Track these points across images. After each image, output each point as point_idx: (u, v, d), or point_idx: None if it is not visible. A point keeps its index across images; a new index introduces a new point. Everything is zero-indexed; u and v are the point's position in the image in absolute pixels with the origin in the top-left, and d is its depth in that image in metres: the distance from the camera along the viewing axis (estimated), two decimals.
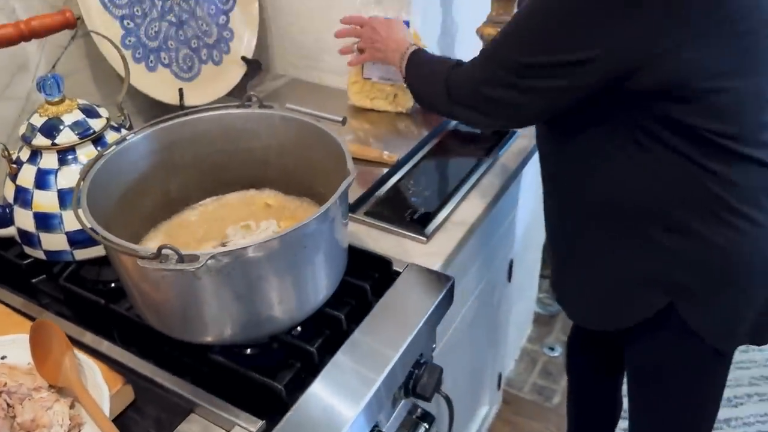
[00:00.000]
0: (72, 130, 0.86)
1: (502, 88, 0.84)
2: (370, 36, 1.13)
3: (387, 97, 1.22)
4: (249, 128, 0.90)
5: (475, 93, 0.88)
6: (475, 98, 0.89)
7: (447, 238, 0.96)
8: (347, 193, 0.77)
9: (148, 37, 1.15)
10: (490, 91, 0.86)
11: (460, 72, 0.91)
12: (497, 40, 0.85)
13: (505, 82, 0.83)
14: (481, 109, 0.89)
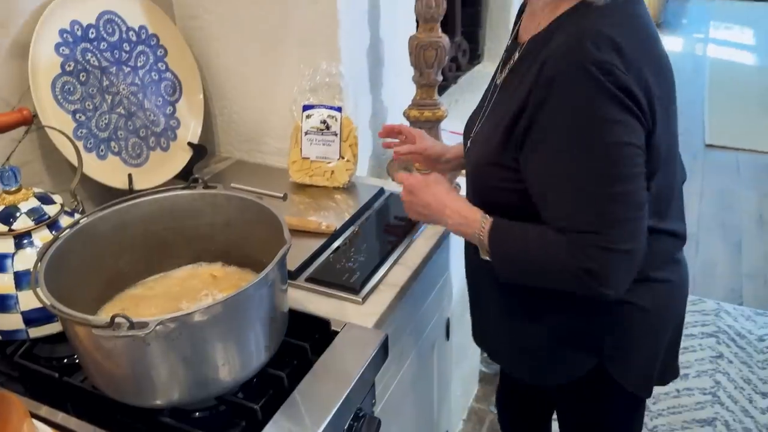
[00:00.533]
0: (28, 216, 0.93)
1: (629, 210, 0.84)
2: (410, 200, 1.04)
3: (324, 174, 1.34)
4: (195, 207, 0.99)
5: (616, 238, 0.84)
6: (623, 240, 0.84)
7: (380, 298, 1.06)
8: (285, 261, 0.86)
9: (99, 128, 1.24)
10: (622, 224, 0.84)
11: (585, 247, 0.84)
12: (580, 197, 0.83)
13: (627, 209, 0.84)
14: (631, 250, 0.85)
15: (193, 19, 1.42)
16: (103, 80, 1.25)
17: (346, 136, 1.32)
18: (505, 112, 0.89)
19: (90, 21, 1.22)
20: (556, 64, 0.82)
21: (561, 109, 0.82)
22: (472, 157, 0.98)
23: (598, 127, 0.81)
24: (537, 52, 0.87)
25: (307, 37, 1.32)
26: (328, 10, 1.27)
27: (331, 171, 1.33)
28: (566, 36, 0.83)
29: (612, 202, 0.83)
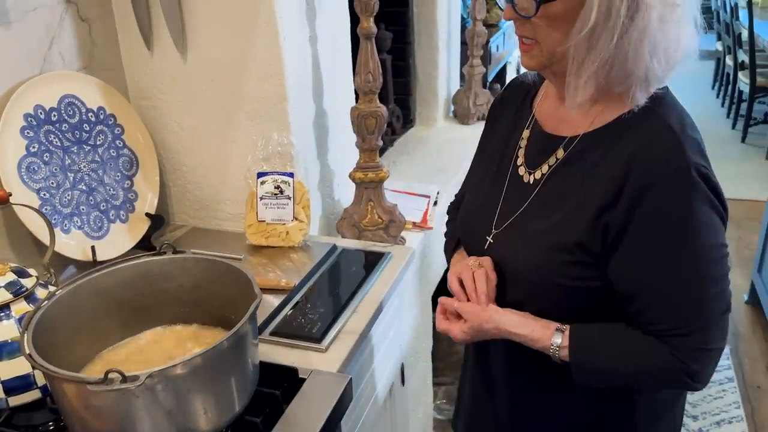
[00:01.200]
0: (6, 289, 0.98)
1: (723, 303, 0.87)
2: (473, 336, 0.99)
3: (279, 235, 1.43)
4: (165, 271, 1.07)
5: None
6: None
7: (342, 346, 1.15)
8: (256, 314, 0.95)
9: (62, 204, 1.30)
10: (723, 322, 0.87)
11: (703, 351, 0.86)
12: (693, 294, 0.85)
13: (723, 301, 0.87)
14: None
15: (146, 99, 1.52)
16: (65, 159, 1.32)
17: (299, 199, 1.43)
18: (573, 214, 0.89)
19: (52, 105, 1.30)
20: (653, 167, 0.82)
21: (662, 213, 0.82)
22: (517, 256, 0.95)
23: (699, 231, 0.82)
24: (602, 151, 0.87)
25: (259, 111, 1.44)
26: (278, 88, 1.39)
27: (286, 232, 1.43)
28: (652, 135, 0.84)
29: (711, 303, 0.85)
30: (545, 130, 0.97)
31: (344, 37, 1.66)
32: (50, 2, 1.30)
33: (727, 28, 5.33)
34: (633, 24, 0.81)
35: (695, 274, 0.84)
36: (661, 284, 0.85)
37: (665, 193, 0.82)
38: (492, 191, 1.02)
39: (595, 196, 0.87)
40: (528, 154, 0.99)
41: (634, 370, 0.89)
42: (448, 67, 2.67)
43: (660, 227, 0.83)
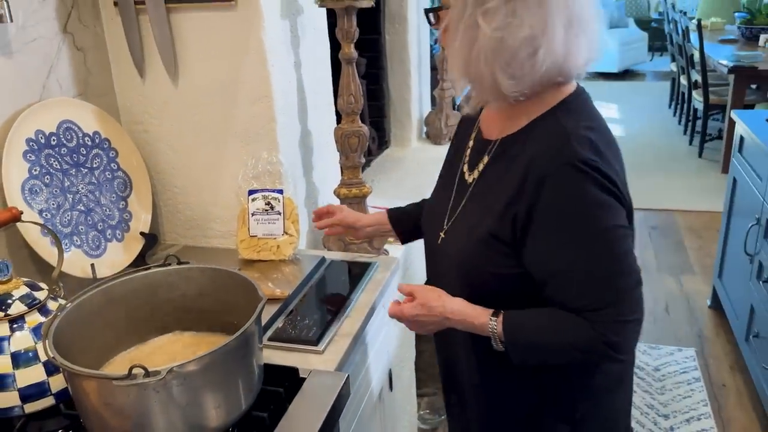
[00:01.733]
0: (21, 302, 1.04)
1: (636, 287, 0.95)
2: (414, 328, 1.09)
3: (271, 249, 1.51)
4: (170, 281, 1.13)
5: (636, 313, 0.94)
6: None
7: (338, 347, 1.22)
8: (261, 316, 1.02)
9: (63, 224, 1.36)
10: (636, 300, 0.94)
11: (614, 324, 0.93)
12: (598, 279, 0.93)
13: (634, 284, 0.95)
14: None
15: (138, 123, 1.59)
16: (64, 181, 1.38)
17: (289, 214, 1.51)
18: (490, 208, 0.99)
19: (51, 129, 1.37)
20: (545, 166, 0.91)
21: (556, 207, 0.91)
22: (455, 247, 1.05)
23: (595, 215, 0.91)
24: (516, 152, 0.98)
25: (248, 132, 1.52)
26: (267, 110, 1.48)
27: (277, 245, 1.50)
28: (548, 137, 0.94)
29: (619, 279, 0.92)
30: (483, 135, 1.09)
31: (325, 62, 1.76)
32: (49, 33, 1.38)
33: (680, 49, 5.61)
34: (476, 37, 0.93)
35: (598, 254, 0.92)
36: (570, 267, 0.93)
37: (558, 185, 0.91)
38: (445, 192, 1.13)
39: (504, 192, 0.97)
40: (471, 157, 1.10)
41: (561, 342, 0.96)
42: (419, 91, 2.79)
43: (558, 216, 0.92)
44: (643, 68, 8.87)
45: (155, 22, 1.46)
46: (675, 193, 4.42)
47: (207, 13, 1.44)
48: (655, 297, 3.18)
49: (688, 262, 3.53)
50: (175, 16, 1.46)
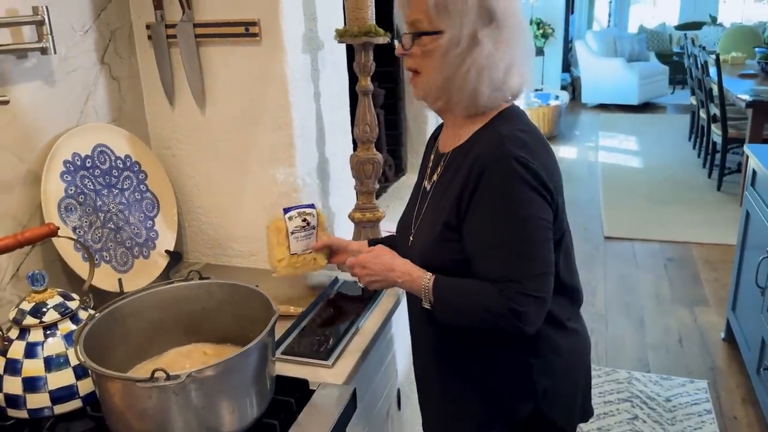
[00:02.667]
0: (55, 310, 1.13)
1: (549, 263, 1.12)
2: (364, 273, 1.27)
3: (309, 263, 1.49)
4: (192, 295, 1.22)
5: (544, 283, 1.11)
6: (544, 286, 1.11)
7: (347, 362, 1.29)
8: (274, 329, 1.10)
9: (94, 241, 1.46)
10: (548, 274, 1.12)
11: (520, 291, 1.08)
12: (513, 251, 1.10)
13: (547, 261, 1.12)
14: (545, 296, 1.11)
15: (167, 148, 1.70)
16: (97, 201, 1.48)
17: (322, 226, 1.54)
18: (444, 204, 1.16)
19: (87, 152, 1.47)
20: (485, 159, 1.10)
21: (490, 191, 1.09)
22: (419, 243, 1.23)
23: (516, 204, 1.09)
24: (463, 158, 1.15)
25: (268, 159, 1.61)
26: (287, 138, 1.58)
27: (313, 258, 1.51)
28: (489, 139, 1.12)
29: (529, 260, 1.10)
30: (440, 150, 1.28)
31: (344, 93, 1.86)
32: (87, 64, 1.49)
33: (699, 83, 5.65)
34: (470, 55, 1.11)
35: (514, 236, 1.10)
36: (492, 242, 1.11)
37: (493, 175, 1.09)
38: (412, 202, 1.33)
39: (454, 189, 1.15)
40: (430, 170, 1.28)
41: (475, 304, 1.12)
42: (436, 120, 2.88)
43: (491, 198, 1.10)
44: (663, 101, 8.91)
45: (185, 54, 1.57)
46: (692, 226, 4.43)
47: (233, 47, 1.55)
48: (669, 328, 3.19)
49: (704, 295, 3.53)
50: (204, 49, 1.57)
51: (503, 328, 1.12)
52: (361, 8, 1.58)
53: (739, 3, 10.00)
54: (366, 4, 1.58)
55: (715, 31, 9.29)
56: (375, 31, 1.59)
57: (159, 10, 1.56)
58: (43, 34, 1.31)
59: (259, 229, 1.68)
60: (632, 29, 10.41)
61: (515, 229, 1.09)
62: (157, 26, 1.57)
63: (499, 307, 1.09)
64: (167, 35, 1.58)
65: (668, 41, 9.95)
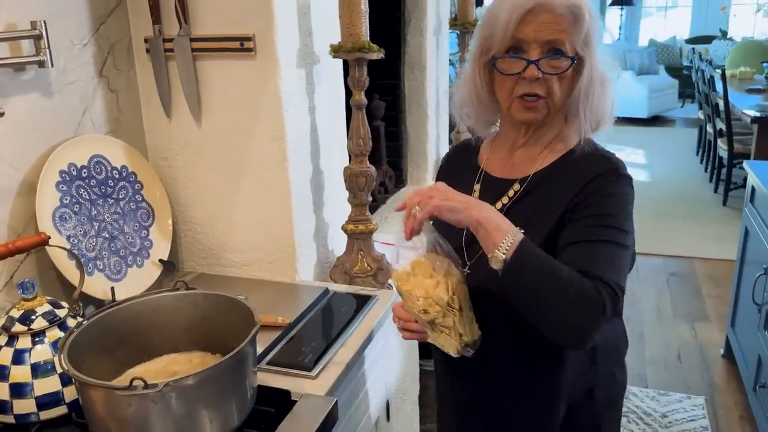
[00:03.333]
0: (43, 318, 1.15)
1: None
2: (439, 196, 1.04)
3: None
4: (178, 305, 1.24)
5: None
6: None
7: (330, 374, 1.30)
8: (256, 339, 1.12)
9: (88, 249, 1.49)
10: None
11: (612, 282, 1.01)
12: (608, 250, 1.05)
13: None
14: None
15: (163, 159, 1.73)
16: (92, 210, 1.51)
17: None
18: (538, 229, 1.08)
19: (83, 163, 1.50)
20: (595, 171, 1.09)
21: (601, 190, 1.07)
22: (488, 274, 1.04)
23: (624, 217, 1.08)
24: (552, 181, 1.13)
25: (263, 170, 1.64)
26: (280, 150, 1.60)
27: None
28: (594, 159, 1.12)
29: (618, 271, 1.04)
30: (497, 176, 1.21)
31: (339, 106, 1.89)
32: (86, 76, 1.53)
33: (706, 98, 5.65)
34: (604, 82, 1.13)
35: (618, 238, 1.05)
36: (589, 240, 1.04)
37: (604, 179, 1.09)
38: (454, 235, 1.16)
39: (548, 214, 1.10)
40: (483, 198, 1.18)
41: (560, 284, 0.98)
42: (437, 132, 2.90)
43: (601, 199, 1.07)
44: (673, 115, 8.89)
45: (182, 68, 1.60)
46: (696, 241, 4.42)
47: (229, 61, 1.58)
48: (668, 343, 3.18)
49: (705, 311, 3.51)
50: (200, 63, 1.60)
51: (579, 319, 1.00)
52: (355, 24, 1.61)
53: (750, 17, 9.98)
54: (360, 21, 1.61)
55: (725, 45, 9.27)
56: (369, 47, 1.62)
57: (157, 25, 1.60)
58: (41, 48, 1.35)
59: (253, 240, 1.70)
60: (643, 42, 10.40)
61: (614, 235, 1.05)
62: (155, 40, 1.61)
63: (590, 295, 0.98)
64: (165, 49, 1.61)
65: (678, 55, 9.93)
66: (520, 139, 1.19)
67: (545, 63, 1.08)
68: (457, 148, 1.35)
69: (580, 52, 1.09)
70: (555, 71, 1.09)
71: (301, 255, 1.72)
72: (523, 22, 1.07)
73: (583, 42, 1.09)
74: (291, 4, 1.59)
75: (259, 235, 1.70)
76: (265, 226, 1.69)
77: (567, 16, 1.07)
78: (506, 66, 1.11)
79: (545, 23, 1.07)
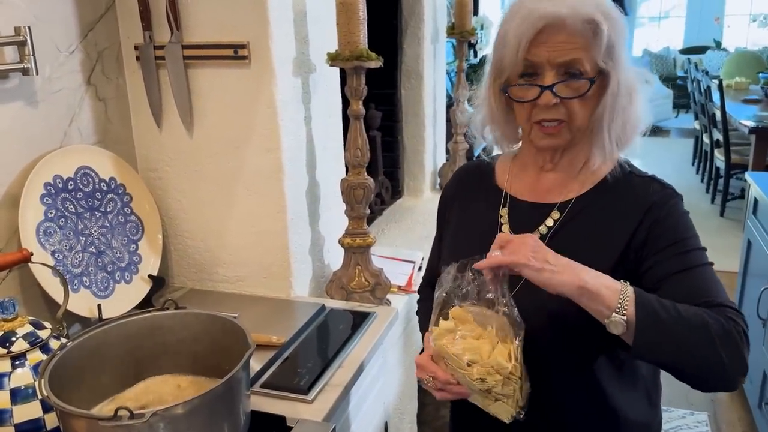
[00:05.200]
0: (24, 339, 1.08)
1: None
2: (527, 248, 0.92)
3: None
4: (167, 325, 1.18)
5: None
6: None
7: (327, 397, 1.24)
8: (249, 363, 1.05)
9: (73, 265, 1.42)
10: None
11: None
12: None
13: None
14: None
15: (153, 170, 1.67)
16: (78, 224, 1.45)
17: None
18: (593, 261, 0.94)
19: (69, 174, 1.44)
20: (666, 203, 1.02)
21: (671, 220, 1.00)
22: (557, 307, 0.96)
23: (694, 227, 1.03)
24: (598, 207, 1.05)
25: (257, 182, 1.58)
26: (275, 161, 1.55)
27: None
28: (643, 184, 1.05)
29: (716, 277, 0.99)
30: (529, 201, 1.11)
31: (336, 116, 1.83)
32: (73, 84, 1.47)
33: (702, 108, 5.63)
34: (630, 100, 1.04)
35: (705, 263, 0.99)
36: (685, 269, 0.96)
37: (663, 207, 1.02)
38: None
39: (613, 243, 1.02)
40: (514, 225, 1.10)
41: (695, 326, 0.88)
42: (434, 142, 2.86)
43: (674, 229, 1.00)
44: (667, 125, 8.89)
45: (174, 76, 1.54)
46: None
47: (222, 70, 1.52)
48: None
49: None
50: (192, 71, 1.55)
51: (721, 348, 0.88)
52: (353, 32, 1.55)
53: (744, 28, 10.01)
54: (358, 28, 1.56)
55: (719, 56, 9.29)
56: (367, 55, 1.57)
57: (148, 31, 1.54)
58: (25, 55, 1.29)
59: (246, 254, 1.64)
60: (636, 53, 10.41)
61: (702, 257, 0.99)
62: (146, 47, 1.55)
63: (727, 325, 0.88)
64: (156, 56, 1.55)
65: (672, 65, 9.95)
66: (548, 162, 1.10)
67: (562, 87, 0.98)
68: (469, 168, 1.25)
69: (603, 66, 0.99)
70: (573, 94, 0.99)
71: (296, 270, 1.66)
72: (535, 44, 0.97)
73: (605, 54, 0.98)
74: (287, 11, 1.54)
75: (253, 249, 1.64)
76: (259, 239, 1.63)
77: (582, 31, 0.96)
78: (520, 93, 1.02)
79: (559, 43, 0.97)
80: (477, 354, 0.92)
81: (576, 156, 1.09)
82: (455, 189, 1.24)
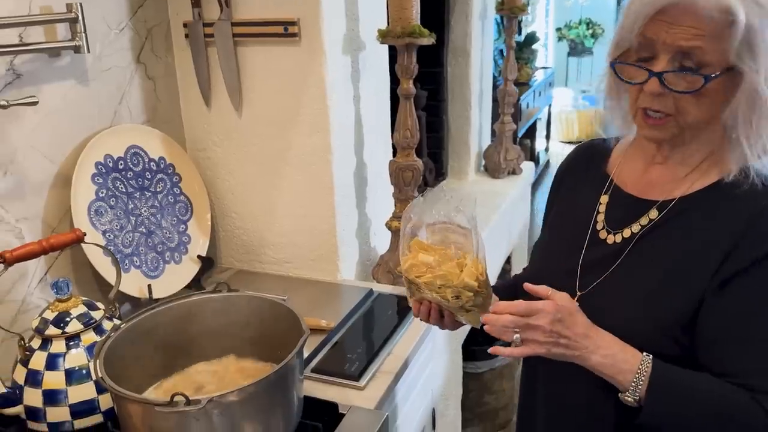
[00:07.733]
0: (78, 320, 1.08)
1: None
2: (550, 327, 0.86)
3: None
4: (219, 308, 1.16)
5: None
6: None
7: (378, 384, 1.22)
8: (303, 350, 1.03)
9: (124, 245, 1.42)
10: None
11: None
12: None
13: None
14: None
15: (202, 150, 1.65)
16: (128, 204, 1.44)
17: None
18: (675, 276, 0.89)
19: (120, 154, 1.43)
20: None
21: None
22: (624, 317, 0.91)
23: None
24: (701, 214, 0.90)
25: (305, 163, 1.55)
26: (323, 142, 1.51)
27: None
28: (757, 194, 0.86)
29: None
30: (630, 193, 0.99)
31: (384, 95, 1.79)
32: (123, 63, 1.45)
33: None
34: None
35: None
36: (756, 335, 0.85)
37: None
38: (570, 255, 1.01)
39: (701, 261, 0.88)
40: (609, 217, 1.00)
41: (711, 408, 0.85)
42: (479, 123, 2.78)
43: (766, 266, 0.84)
44: None
45: (223, 54, 1.52)
46: None
47: (272, 48, 1.49)
48: None
49: None
50: (241, 49, 1.52)
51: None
52: (405, 8, 1.50)
53: None
54: (410, 4, 1.50)
55: None
56: (419, 31, 1.51)
57: (197, 8, 1.51)
58: (76, 32, 1.27)
59: (293, 236, 1.62)
60: None
61: None
62: (195, 25, 1.53)
63: (752, 418, 0.82)
64: (205, 34, 1.53)
65: None
66: (659, 154, 0.97)
67: (672, 77, 0.85)
68: (583, 148, 1.13)
69: (735, 63, 0.84)
70: (684, 88, 0.85)
71: (344, 252, 1.63)
72: (655, 20, 0.85)
73: (738, 51, 0.83)
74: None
75: (300, 230, 1.62)
76: (306, 221, 1.61)
77: (714, 18, 0.82)
78: (629, 72, 0.90)
79: (682, 25, 0.83)
80: (446, 279, 0.94)
81: (693, 154, 0.94)
82: (566, 168, 1.14)
